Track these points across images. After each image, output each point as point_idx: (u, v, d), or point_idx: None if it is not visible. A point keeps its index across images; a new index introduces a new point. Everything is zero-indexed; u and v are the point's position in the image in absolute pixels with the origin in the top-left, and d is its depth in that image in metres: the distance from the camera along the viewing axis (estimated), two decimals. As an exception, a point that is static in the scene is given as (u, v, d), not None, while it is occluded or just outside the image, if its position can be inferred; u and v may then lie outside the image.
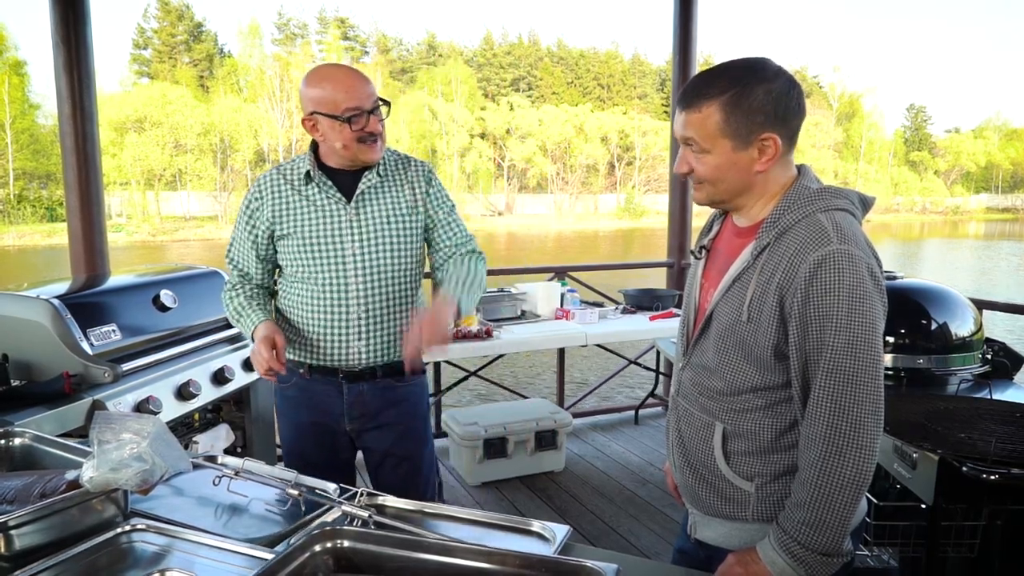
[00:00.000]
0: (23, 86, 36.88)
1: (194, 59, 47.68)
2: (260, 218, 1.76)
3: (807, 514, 1.07)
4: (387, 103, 1.74)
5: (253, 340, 1.72)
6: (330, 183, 1.74)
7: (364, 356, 1.76)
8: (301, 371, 1.80)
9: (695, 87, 1.14)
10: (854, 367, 1.05)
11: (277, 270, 1.87)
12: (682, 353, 1.30)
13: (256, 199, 1.77)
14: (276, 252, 1.79)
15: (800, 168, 1.20)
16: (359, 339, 1.75)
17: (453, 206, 1.87)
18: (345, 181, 1.76)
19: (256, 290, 1.84)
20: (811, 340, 1.07)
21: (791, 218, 1.11)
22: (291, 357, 1.80)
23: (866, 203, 1.21)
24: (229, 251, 1.85)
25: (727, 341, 1.17)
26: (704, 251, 1.30)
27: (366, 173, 1.76)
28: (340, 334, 1.75)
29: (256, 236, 1.78)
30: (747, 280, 1.14)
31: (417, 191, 1.81)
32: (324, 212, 1.74)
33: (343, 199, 1.74)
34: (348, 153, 1.70)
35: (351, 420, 1.80)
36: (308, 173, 1.74)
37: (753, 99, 1.10)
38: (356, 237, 1.73)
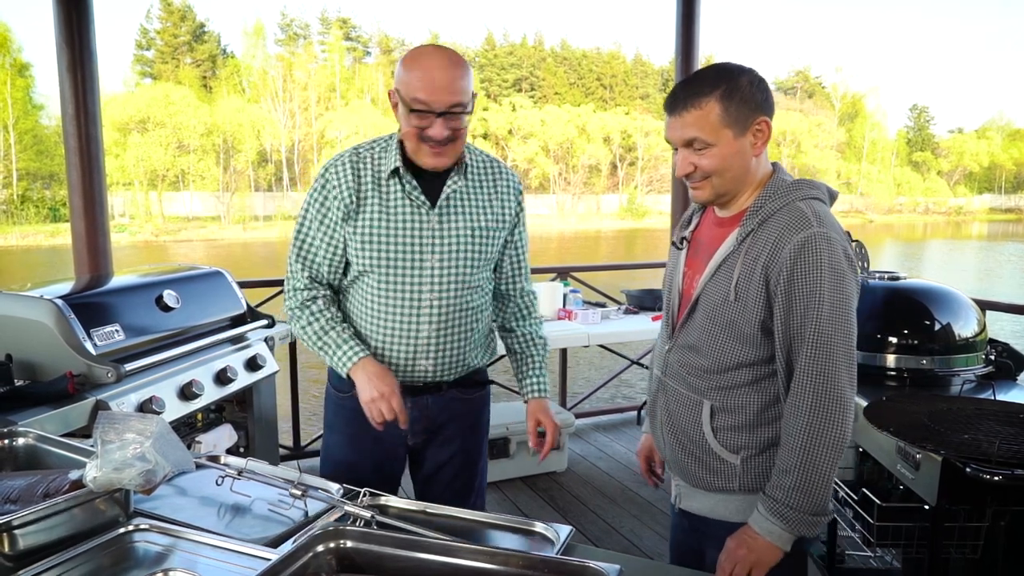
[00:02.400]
0: (27, 87, 36.97)
1: (197, 59, 47.73)
2: (335, 207, 1.55)
3: (796, 479, 1.17)
4: (466, 110, 1.48)
5: (347, 375, 1.55)
6: (415, 183, 1.54)
7: (431, 374, 1.62)
8: None
9: (685, 92, 1.24)
10: (837, 339, 1.16)
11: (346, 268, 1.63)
12: (668, 336, 1.39)
13: (334, 182, 1.55)
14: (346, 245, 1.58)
15: (774, 164, 1.31)
16: (427, 358, 1.60)
17: (527, 238, 1.74)
18: (430, 179, 1.57)
19: (333, 306, 1.63)
20: (796, 315, 1.18)
21: (772, 206, 1.23)
22: (340, 374, 1.63)
23: (832, 195, 1.32)
24: (298, 247, 1.61)
25: (715, 321, 1.27)
26: (685, 242, 1.40)
27: (451, 174, 1.57)
28: (407, 351, 1.59)
29: (329, 223, 1.57)
30: (732, 264, 1.24)
31: (507, 206, 1.66)
32: (405, 214, 1.54)
33: (427, 203, 1.55)
34: (411, 147, 1.52)
35: (414, 435, 1.67)
36: (396, 170, 1.54)
37: (743, 89, 1.21)
38: (437, 248, 1.55)
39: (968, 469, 1.55)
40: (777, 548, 1.19)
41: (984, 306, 2.59)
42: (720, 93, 1.21)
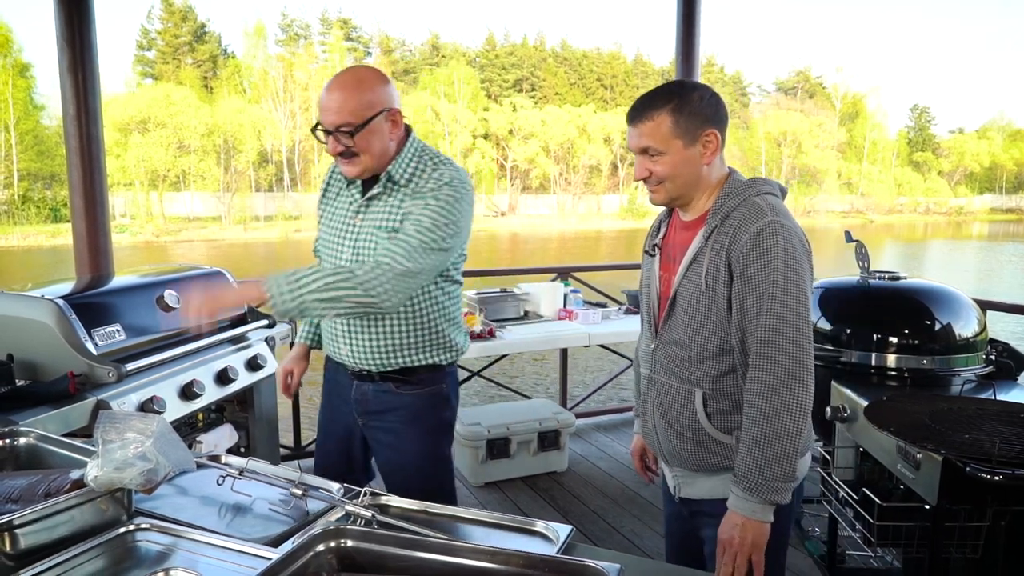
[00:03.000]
0: (28, 87, 36.99)
1: (198, 60, 47.75)
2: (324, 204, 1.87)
3: (762, 448, 1.25)
4: (352, 129, 1.60)
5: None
6: (359, 182, 1.74)
7: (350, 359, 1.79)
8: (330, 362, 1.92)
9: (642, 105, 1.37)
10: (791, 316, 1.26)
11: None
12: (652, 336, 1.49)
13: (328, 184, 1.86)
14: None
15: (731, 169, 1.44)
16: (346, 343, 1.78)
17: (428, 227, 1.63)
18: (371, 180, 1.73)
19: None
20: (752, 295, 1.28)
21: (732, 203, 1.35)
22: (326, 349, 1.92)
23: (783, 191, 1.44)
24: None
25: (692, 314, 1.37)
26: (657, 249, 1.52)
27: (376, 183, 1.71)
28: (333, 336, 1.82)
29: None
30: (702, 259, 1.36)
31: (412, 203, 1.70)
32: (339, 212, 1.79)
33: (358, 199, 1.74)
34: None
35: (359, 415, 1.85)
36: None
37: (693, 104, 1.34)
38: (350, 243, 1.73)
39: (969, 469, 1.55)
40: (763, 524, 1.26)
41: (985, 306, 2.59)
42: (671, 107, 1.34)
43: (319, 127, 1.63)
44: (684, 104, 1.34)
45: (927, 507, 1.73)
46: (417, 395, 1.80)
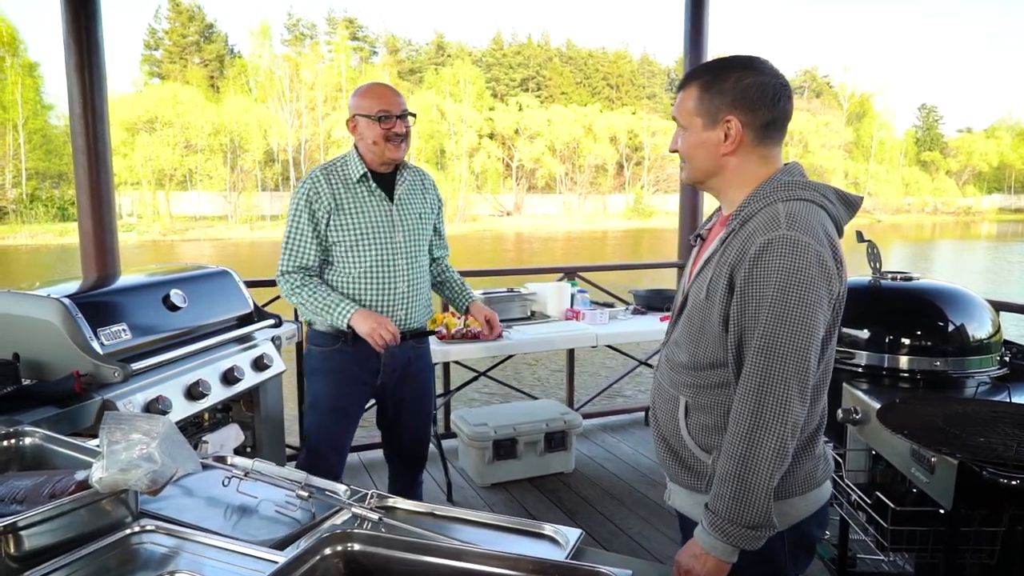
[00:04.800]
0: (36, 87, 37.20)
1: (205, 59, 47.93)
2: (320, 210, 2.15)
3: (733, 488, 1.13)
4: (413, 114, 2.21)
5: (349, 326, 2.14)
6: (375, 184, 2.19)
7: (404, 321, 2.24)
8: (343, 339, 2.21)
9: (688, 73, 1.28)
10: (785, 346, 1.10)
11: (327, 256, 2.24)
12: (667, 332, 1.41)
13: (314, 193, 2.16)
14: (328, 239, 2.18)
15: (788, 164, 1.27)
16: (403, 308, 2.24)
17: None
18: (382, 182, 2.21)
19: (322, 283, 2.22)
20: (747, 316, 1.15)
21: (754, 207, 1.20)
22: (339, 326, 2.17)
23: (848, 201, 1.27)
24: (292, 251, 2.18)
25: (692, 318, 1.27)
26: (699, 239, 1.39)
27: (398, 179, 2.24)
28: (389, 302, 2.21)
29: (317, 226, 2.16)
30: (712, 263, 1.24)
31: (431, 199, 2.36)
32: (373, 207, 2.19)
33: (386, 197, 2.21)
34: (378, 148, 2.15)
35: (385, 375, 2.27)
36: (365, 175, 2.18)
37: (723, 83, 1.21)
38: (400, 228, 2.22)
39: (985, 473, 1.53)
40: (724, 563, 1.16)
41: (998, 307, 2.56)
42: (701, 82, 1.24)
43: (378, 114, 2.12)
44: (715, 82, 1.22)
45: (942, 512, 1.70)
46: (426, 344, 2.44)
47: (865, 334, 2.34)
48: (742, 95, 1.20)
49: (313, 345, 2.30)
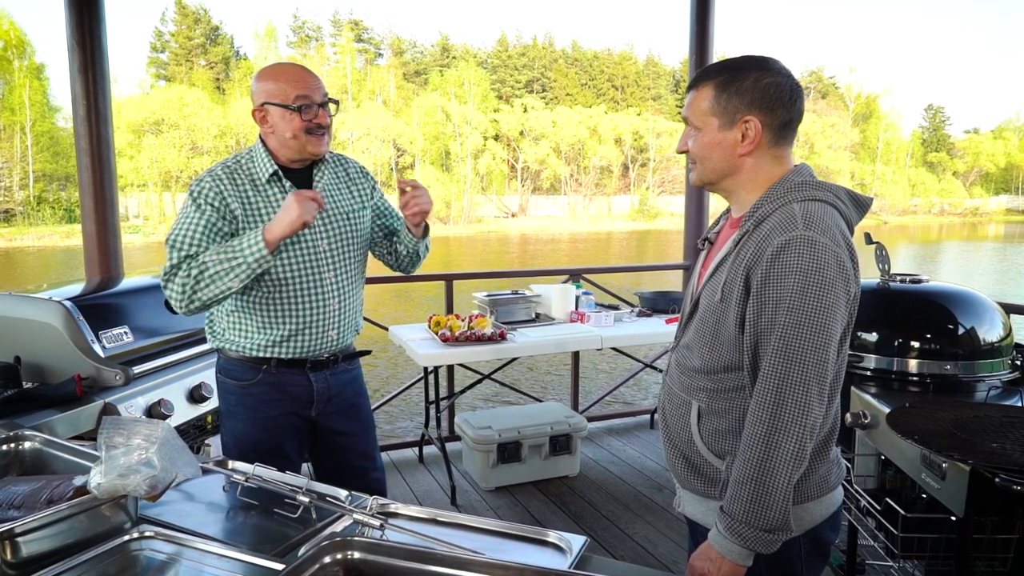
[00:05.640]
0: (44, 89, 37.42)
1: (211, 62, 48.10)
2: (223, 212, 1.71)
3: (751, 491, 1.11)
4: (335, 101, 1.79)
5: (263, 246, 1.63)
6: (289, 184, 1.78)
7: (336, 342, 1.86)
8: (265, 367, 1.81)
9: (700, 72, 1.26)
10: (803, 347, 1.09)
11: None
12: (676, 337, 1.39)
13: (216, 194, 1.71)
14: None
15: (798, 166, 1.26)
16: (335, 328, 1.85)
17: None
18: (297, 179, 1.81)
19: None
20: (765, 318, 1.13)
21: (768, 208, 1.19)
22: (256, 355, 1.81)
23: (859, 202, 1.27)
24: (179, 243, 1.68)
25: (705, 322, 1.25)
26: (707, 243, 1.38)
27: (315, 172, 1.83)
28: (318, 325, 1.81)
29: (217, 227, 1.70)
30: (726, 265, 1.22)
31: (361, 189, 1.93)
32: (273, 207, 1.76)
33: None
34: (297, 143, 1.74)
35: (318, 406, 1.88)
36: (276, 173, 1.76)
37: (742, 83, 1.20)
38: (324, 234, 1.80)
39: (998, 479, 1.50)
40: (739, 567, 1.14)
41: (1009, 310, 2.53)
42: (718, 81, 1.21)
43: (296, 102, 1.70)
44: (732, 82, 1.20)
45: (953, 519, 1.67)
46: (358, 366, 2.01)
47: (874, 337, 2.31)
48: (761, 95, 1.19)
49: (227, 378, 1.85)
